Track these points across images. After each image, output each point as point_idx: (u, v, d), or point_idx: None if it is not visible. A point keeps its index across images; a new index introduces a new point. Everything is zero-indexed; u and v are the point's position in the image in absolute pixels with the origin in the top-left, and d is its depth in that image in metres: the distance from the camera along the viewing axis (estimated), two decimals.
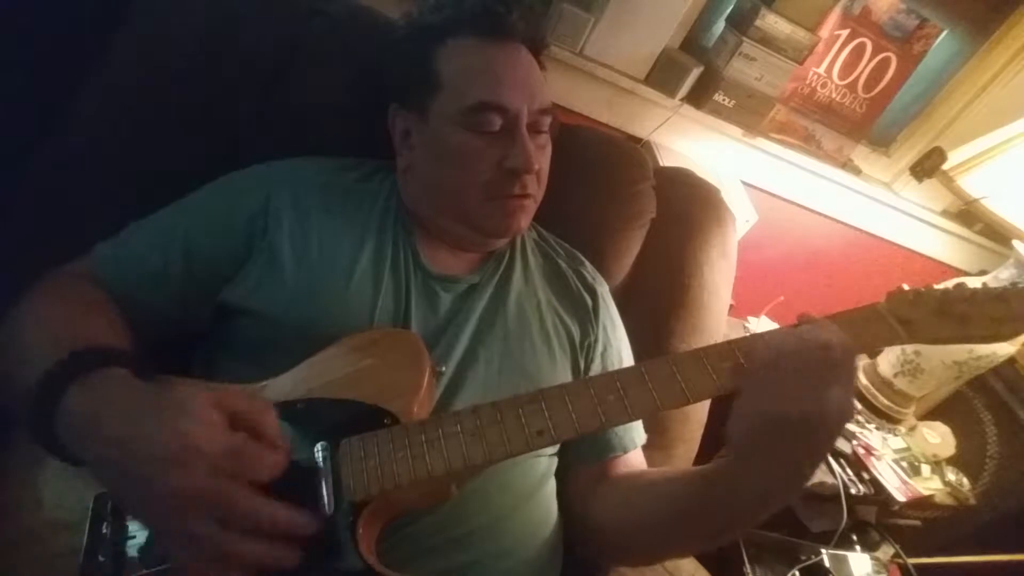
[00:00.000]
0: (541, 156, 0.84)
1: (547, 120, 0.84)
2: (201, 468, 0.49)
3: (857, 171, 1.67)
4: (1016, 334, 0.65)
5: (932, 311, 0.67)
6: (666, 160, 1.45)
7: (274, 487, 0.55)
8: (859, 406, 1.62)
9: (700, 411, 1.11)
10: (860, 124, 1.57)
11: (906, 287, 0.69)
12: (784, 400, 0.57)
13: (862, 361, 1.73)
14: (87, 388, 0.56)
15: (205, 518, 0.50)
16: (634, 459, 0.88)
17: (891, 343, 0.67)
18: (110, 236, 0.80)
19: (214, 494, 0.50)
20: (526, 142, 0.79)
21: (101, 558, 0.59)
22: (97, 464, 0.54)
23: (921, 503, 1.46)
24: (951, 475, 1.54)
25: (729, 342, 0.65)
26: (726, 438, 0.62)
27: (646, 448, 0.92)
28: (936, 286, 0.69)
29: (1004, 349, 1.44)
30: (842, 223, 1.75)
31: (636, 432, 0.89)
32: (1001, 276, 1.48)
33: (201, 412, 0.52)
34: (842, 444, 1.46)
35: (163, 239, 0.79)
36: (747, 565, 1.37)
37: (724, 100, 1.44)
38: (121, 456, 0.52)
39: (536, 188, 0.84)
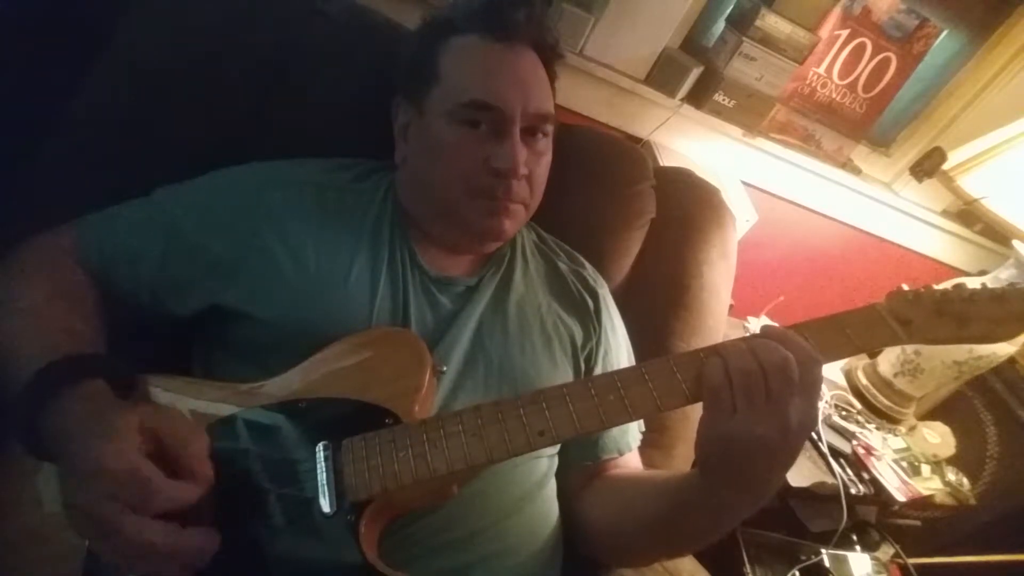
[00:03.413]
0: (535, 162, 0.82)
1: (547, 126, 0.83)
2: (97, 491, 0.51)
3: (857, 171, 1.67)
4: (1015, 334, 0.66)
5: (931, 311, 0.67)
6: (666, 160, 1.45)
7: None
8: (859, 406, 1.62)
9: (701, 411, 1.11)
10: (860, 124, 1.57)
11: (905, 287, 0.69)
12: (739, 423, 0.59)
13: (862, 361, 1.73)
14: (58, 408, 0.58)
15: (99, 535, 0.52)
16: (630, 461, 0.89)
17: (891, 343, 0.67)
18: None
19: (100, 516, 0.51)
20: (514, 144, 0.78)
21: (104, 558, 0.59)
22: (60, 471, 0.59)
23: (921, 503, 1.46)
24: (951, 475, 1.54)
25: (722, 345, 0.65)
26: (695, 453, 0.64)
27: (647, 447, 0.93)
28: (935, 286, 0.69)
29: (1004, 349, 1.44)
30: (842, 223, 1.75)
31: (632, 435, 0.89)
32: (1001, 276, 1.48)
33: (117, 435, 0.53)
34: (842, 444, 1.46)
35: (148, 221, 0.79)
36: (747, 565, 1.37)
37: (724, 100, 1.44)
38: (62, 469, 0.58)
39: (527, 194, 0.83)
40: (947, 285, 0.69)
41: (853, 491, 1.36)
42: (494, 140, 0.79)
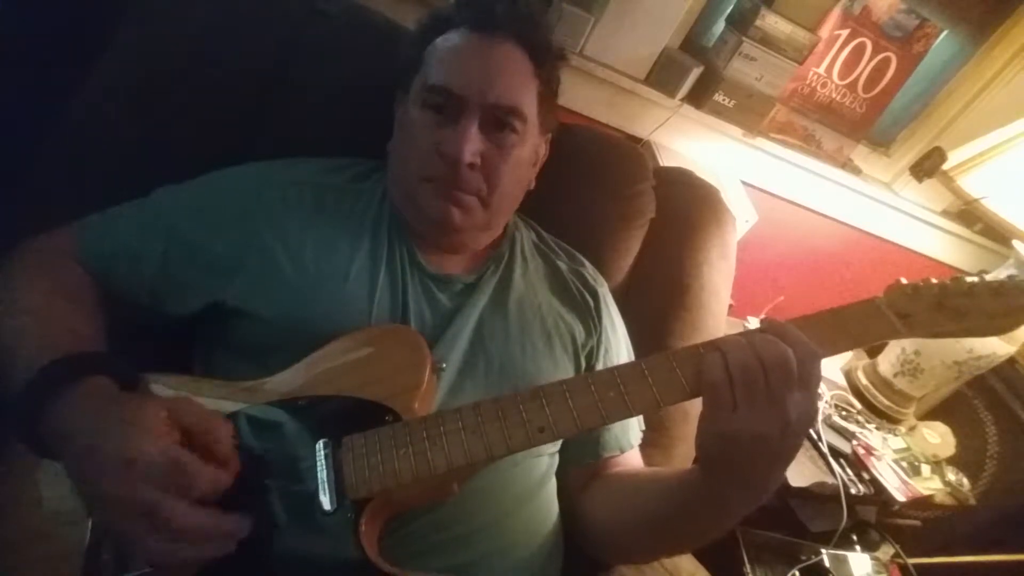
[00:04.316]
0: (498, 156, 0.80)
1: (514, 121, 0.81)
2: (136, 479, 0.52)
3: (857, 171, 1.67)
4: (1014, 327, 0.66)
5: (930, 305, 0.67)
6: (666, 160, 1.45)
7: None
8: (859, 406, 1.62)
9: (700, 409, 1.11)
10: (860, 124, 1.57)
11: (904, 281, 0.69)
12: (739, 420, 0.58)
13: (861, 361, 1.73)
14: (62, 405, 0.58)
15: (138, 524, 0.52)
16: (630, 459, 0.89)
17: (890, 337, 0.67)
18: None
19: (143, 503, 0.51)
20: (463, 131, 0.77)
21: (104, 556, 0.58)
22: (67, 469, 0.58)
23: (921, 503, 1.46)
24: (951, 475, 1.54)
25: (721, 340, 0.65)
26: (695, 450, 0.64)
27: (647, 446, 0.93)
28: (934, 280, 0.68)
29: (1004, 349, 1.44)
30: (842, 223, 1.75)
31: (632, 433, 0.89)
32: (1001, 276, 1.48)
33: (150, 427, 0.54)
34: (842, 444, 1.46)
35: (147, 222, 0.79)
36: (747, 565, 1.37)
37: (724, 100, 1.44)
38: (80, 465, 0.56)
39: (480, 186, 0.81)
40: (946, 279, 0.69)
41: (853, 491, 1.36)
42: (450, 126, 0.79)
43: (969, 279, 0.68)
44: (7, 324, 0.68)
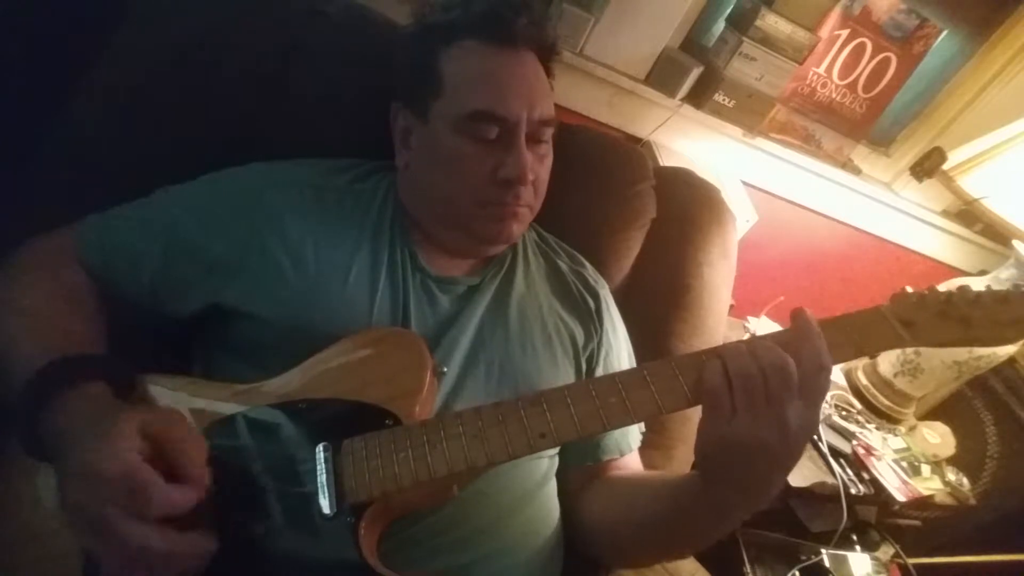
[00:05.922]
0: (539, 166, 0.82)
1: (548, 130, 0.83)
2: (92, 493, 0.51)
3: (857, 171, 1.67)
4: (1019, 338, 0.65)
5: (935, 313, 0.67)
6: (666, 160, 1.45)
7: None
8: (859, 406, 1.62)
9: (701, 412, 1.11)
10: (860, 124, 1.57)
11: (909, 289, 0.69)
12: (738, 426, 0.58)
13: (862, 361, 1.73)
14: (56, 410, 0.58)
15: (94, 537, 0.51)
16: (630, 462, 0.89)
17: (894, 346, 0.67)
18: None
19: (96, 518, 0.51)
20: (522, 153, 0.78)
21: None
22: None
23: (921, 503, 1.46)
24: (951, 475, 1.54)
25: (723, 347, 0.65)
26: (695, 455, 0.64)
27: (646, 447, 0.93)
28: (940, 289, 0.68)
29: (1004, 349, 1.44)
30: (842, 223, 1.75)
31: (633, 436, 0.89)
32: (1001, 276, 1.48)
33: (116, 441, 0.53)
34: (842, 444, 1.46)
35: (148, 222, 0.79)
36: (747, 565, 1.37)
37: (724, 100, 1.44)
38: (58, 470, 0.56)
39: (532, 197, 0.83)
40: (951, 288, 0.68)
41: (853, 491, 1.36)
42: (501, 150, 0.78)
43: (974, 288, 0.67)
44: (6, 325, 0.68)
